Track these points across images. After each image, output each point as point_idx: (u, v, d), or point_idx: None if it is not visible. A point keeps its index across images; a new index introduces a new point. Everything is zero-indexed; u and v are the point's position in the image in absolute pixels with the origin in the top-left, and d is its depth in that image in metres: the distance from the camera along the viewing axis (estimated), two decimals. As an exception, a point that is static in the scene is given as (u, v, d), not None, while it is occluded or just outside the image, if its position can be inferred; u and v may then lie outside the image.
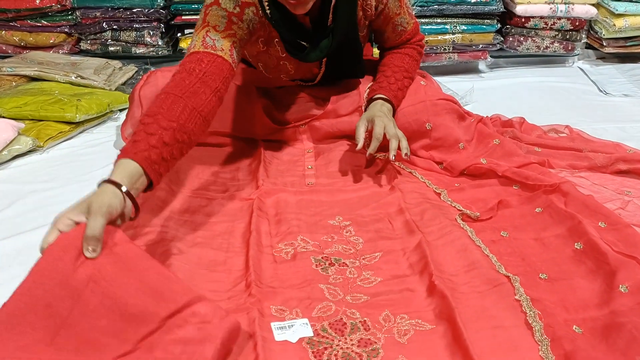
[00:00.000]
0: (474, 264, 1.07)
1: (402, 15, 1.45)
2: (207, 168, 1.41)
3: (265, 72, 1.51)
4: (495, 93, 2.02)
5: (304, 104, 1.57)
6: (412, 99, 1.46)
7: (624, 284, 0.95)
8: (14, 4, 2.07)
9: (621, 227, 1.09)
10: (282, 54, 1.40)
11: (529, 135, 1.55)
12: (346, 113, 1.52)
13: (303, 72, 1.50)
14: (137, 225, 1.14)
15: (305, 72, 1.51)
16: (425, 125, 1.44)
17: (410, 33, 1.49)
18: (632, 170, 1.37)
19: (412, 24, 1.49)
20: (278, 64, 1.46)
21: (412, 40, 1.50)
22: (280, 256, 1.11)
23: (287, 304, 0.98)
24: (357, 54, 1.49)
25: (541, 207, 1.21)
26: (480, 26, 2.12)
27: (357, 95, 1.51)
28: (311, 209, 1.27)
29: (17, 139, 1.51)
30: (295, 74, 1.50)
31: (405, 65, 1.47)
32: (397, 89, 1.43)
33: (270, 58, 1.43)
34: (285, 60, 1.43)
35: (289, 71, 1.48)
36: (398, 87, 1.44)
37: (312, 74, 1.52)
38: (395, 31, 1.47)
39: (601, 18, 2.18)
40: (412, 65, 1.49)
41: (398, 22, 1.46)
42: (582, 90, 2.02)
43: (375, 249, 1.14)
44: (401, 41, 1.50)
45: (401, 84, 1.45)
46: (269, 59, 1.44)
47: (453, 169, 1.41)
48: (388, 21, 1.45)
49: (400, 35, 1.48)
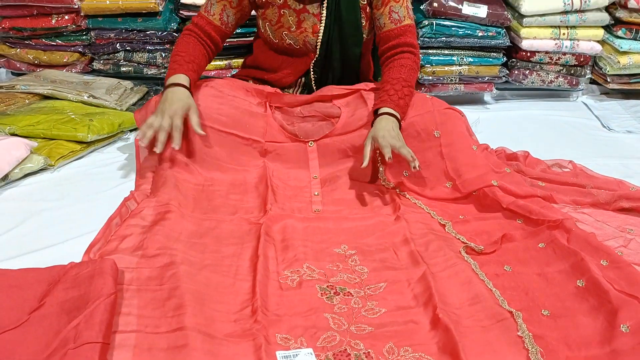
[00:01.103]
0: (477, 297, 1.08)
1: (402, 5, 1.52)
2: (216, 190, 1.43)
3: (271, 36, 1.61)
4: (500, 124, 2.04)
5: (315, 122, 1.60)
6: (419, 109, 1.49)
7: (625, 323, 0.96)
8: (30, 23, 2.12)
9: (623, 266, 1.11)
10: (280, 1, 1.56)
11: (534, 169, 1.57)
12: (356, 128, 1.54)
13: (304, 29, 1.57)
14: (147, 247, 1.16)
15: (307, 30, 1.57)
16: (433, 133, 1.46)
17: (406, 28, 1.53)
18: (634, 208, 1.39)
19: (408, 21, 1.54)
20: (280, 18, 1.57)
21: (407, 42, 1.53)
22: (286, 283, 1.13)
23: (292, 333, 0.99)
24: (357, 25, 1.57)
25: (544, 243, 1.22)
26: (487, 59, 2.16)
27: (366, 110, 1.54)
28: (317, 236, 1.29)
29: (30, 158, 1.53)
30: (296, 31, 1.57)
31: (402, 75, 1.50)
32: (398, 98, 1.46)
33: (273, 9, 1.57)
34: (284, 8, 1.56)
35: (291, 27, 1.56)
36: (399, 96, 1.47)
37: (313, 32, 1.57)
38: (392, 18, 1.52)
39: (606, 55, 2.22)
40: (409, 74, 1.52)
41: (395, 10, 1.52)
42: (585, 125, 2.05)
43: (380, 279, 1.15)
44: (396, 34, 1.53)
45: (401, 92, 1.48)
46: (272, 13, 1.58)
47: (464, 188, 1.41)
48: (386, 2, 1.52)
49: (396, 24, 1.52)
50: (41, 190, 1.49)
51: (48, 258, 1.19)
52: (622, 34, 2.16)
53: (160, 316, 0.99)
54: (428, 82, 2.15)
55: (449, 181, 1.44)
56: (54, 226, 1.34)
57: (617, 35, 2.18)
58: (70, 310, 0.96)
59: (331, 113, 1.59)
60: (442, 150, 1.46)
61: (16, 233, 1.31)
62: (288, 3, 1.56)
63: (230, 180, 1.49)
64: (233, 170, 1.51)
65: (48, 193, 1.48)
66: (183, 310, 0.99)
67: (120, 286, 1.04)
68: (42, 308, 0.97)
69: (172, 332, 0.95)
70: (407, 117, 1.49)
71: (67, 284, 1.02)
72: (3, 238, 1.29)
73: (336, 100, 1.61)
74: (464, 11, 2.07)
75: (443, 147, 1.46)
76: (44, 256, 1.21)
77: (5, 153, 1.48)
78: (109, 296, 0.96)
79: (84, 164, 1.64)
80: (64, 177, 1.56)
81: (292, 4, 1.56)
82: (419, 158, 1.41)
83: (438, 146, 1.46)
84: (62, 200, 1.45)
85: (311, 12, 1.56)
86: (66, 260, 1.11)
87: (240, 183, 1.48)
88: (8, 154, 1.48)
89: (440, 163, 1.46)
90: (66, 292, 1.00)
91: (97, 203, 1.43)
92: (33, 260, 1.19)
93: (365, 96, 1.57)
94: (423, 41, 2.10)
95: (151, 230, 1.21)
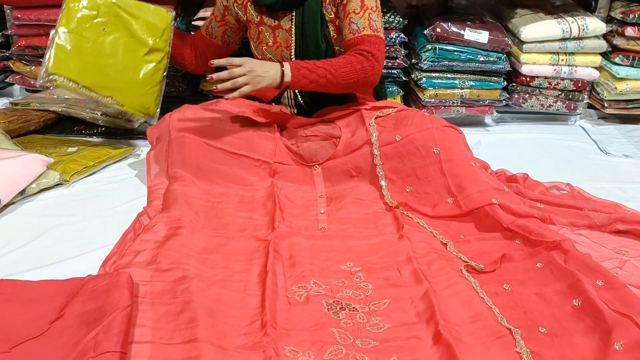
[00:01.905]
0: (478, 315, 1.12)
1: (361, 17, 1.56)
2: (225, 207, 1.48)
3: (255, 52, 1.74)
4: (500, 147, 2.09)
5: (318, 142, 1.65)
6: (418, 127, 1.55)
7: (619, 341, 1.00)
8: (45, 42, 2.17)
9: (618, 287, 1.14)
10: (257, 19, 1.68)
11: (532, 192, 1.61)
12: (357, 148, 1.60)
13: (280, 44, 1.67)
14: (160, 262, 1.20)
15: (282, 45, 1.67)
16: (432, 150, 1.51)
17: (364, 37, 1.55)
18: (630, 231, 1.43)
19: (368, 31, 1.55)
20: (259, 34, 1.69)
21: (362, 48, 1.55)
22: (293, 298, 1.17)
23: (300, 346, 1.04)
24: (317, 39, 1.62)
25: (542, 263, 1.26)
26: (488, 83, 2.22)
27: (364, 130, 1.60)
28: (324, 253, 1.33)
29: (46, 173, 1.59)
30: (273, 46, 1.68)
31: (333, 61, 1.55)
32: (304, 66, 1.53)
33: (253, 28, 1.70)
34: (262, 25, 1.68)
35: (268, 42, 1.68)
36: (307, 67, 1.53)
37: (287, 47, 1.66)
38: (350, 29, 1.57)
39: (603, 80, 2.27)
40: (341, 64, 1.54)
41: (355, 21, 1.56)
42: (583, 149, 2.09)
43: (384, 295, 1.19)
44: (354, 42, 1.56)
45: (312, 65, 1.53)
46: (253, 31, 1.71)
47: (465, 205, 1.44)
48: (346, 14, 1.58)
49: (354, 34, 1.56)
50: (57, 205, 1.54)
51: (64, 271, 1.23)
52: (619, 61, 2.22)
53: (174, 328, 1.03)
54: (430, 105, 2.21)
55: (450, 197, 1.48)
56: (69, 241, 1.38)
57: (615, 62, 2.24)
58: (88, 321, 1.00)
59: (333, 134, 1.65)
60: (442, 167, 1.50)
61: (33, 247, 1.35)
62: (264, 20, 1.67)
63: (239, 198, 1.53)
64: (241, 188, 1.56)
65: (63, 208, 1.53)
66: (196, 323, 1.03)
67: (135, 299, 1.09)
68: (61, 319, 1.02)
69: (185, 344, 0.99)
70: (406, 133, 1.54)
71: (85, 297, 1.06)
72: (21, 251, 1.33)
73: (338, 121, 1.67)
74: (466, 37, 2.13)
75: (443, 163, 1.50)
76: (60, 269, 1.25)
77: (22, 169, 1.53)
78: (126, 308, 1.00)
79: (98, 180, 1.69)
80: (78, 192, 1.61)
81: (267, 21, 1.67)
82: (421, 174, 1.47)
83: (438, 162, 1.51)
84: (77, 216, 1.50)
85: (284, 27, 1.66)
86: (81, 274, 1.16)
87: (249, 201, 1.53)
88: (26, 170, 1.53)
89: (441, 179, 1.50)
90: (84, 304, 1.04)
91: (111, 218, 1.48)
92: (50, 273, 1.23)
93: (365, 115, 1.63)
94: (427, 65, 2.16)
95: (164, 246, 1.25)
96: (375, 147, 1.57)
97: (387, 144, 1.56)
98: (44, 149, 1.75)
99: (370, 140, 1.58)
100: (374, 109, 1.66)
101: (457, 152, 1.52)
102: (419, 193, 1.50)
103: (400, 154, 1.54)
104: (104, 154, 1.76)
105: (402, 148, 1.53)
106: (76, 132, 1.99)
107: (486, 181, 1.51)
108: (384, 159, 1.56)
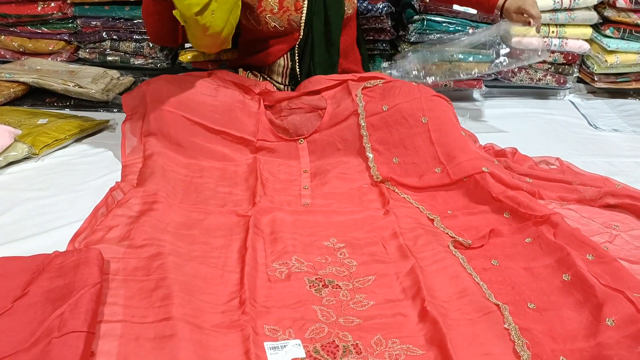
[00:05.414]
0: (465, 291, 1.08)
1: None
2: (205, 182, 1.42)
3: (254, 22, 1.61)
4: (489, 121, 2.06)
5: (302, 114, 1.60)
6: (405, 96, 1.51)
7: (610, 317, 0.97)
8: (15, 10, 2.08)
9: (608, 261, 1.12)
10: None
11: (521, 166, 1.58)
12: (342, 119, 1.55)
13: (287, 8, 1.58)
14: (133, 237, 1.14)
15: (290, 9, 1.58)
16: (421, 119, 1.47)
17: None
18: (620, 205, 1.40)
19: None
20: (260, 2, 1.57)
21: None
22: (274, 275, 1.12)
23: (280, 324, 0.99)
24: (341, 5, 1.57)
25: (531, 238, 1.23)
26: (477, 55, 2.16)
27: (350, 100, 1.55)
28: (306, 229, 1.28)
29: (14, 146, 1.51)
30: (279, 12, 1.58)
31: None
32: None
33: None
34: None
35: (273, 8, 1.57)
36: None
37: (296, 9, 1.58)
38: None
39: (593, 54, 2.23)
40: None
41: None
42: (572, 124, 2.06)
43: (369, 272, 1.15)
44: None
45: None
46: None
47: (455, 174, 1.40)
48: None
49: None
50: (25, 179, 1.47)
51: (32, 247, 1.17)
52: (610, 33, 2.18)
53: (147, 306, 0.98)
54: (418, 78, 2.15)
55: (438, 166, 1.44)
56: (38, 216, 1.31)
57: (605, 34, 2.19)
58: (55, 299, 0.94)
59: (318, 105, 1.60)
60: (430, 136, 1.46)
61: (0, 222, 1.28)
62: None
63: (220, 172, 1.48)
64: (223, 163, 1.50)
65: (32, 182, 1.45)
66: (170, 300, 0.98)
67: (106, 276, 1.03)
68: (26, 297, 0.96)
69: (159, 322, 0.94)
70: (393, 103, 1.50)
71: (51, 273, 1.00)
72: (-14, 227, 1.26)
73: (324, 93, 1.61)
74: (455, 7, 2.07)
75: (432, 132, 1.46)
76: (27, 245, 1.19)
77: (-12, 141, 1.45)
78: (95, 285, 0.95)
79: (69, 154, 1.61)
80: (48, 166, 1.54)
81: None
82: (408, 144, 1.42)
83: (427, 132, 1.47)
84: (46, 190, 1.42)
85: None
86: (50, 250, 1.10)
87: (231, 176, 1.47)
88: (-9, 142, 1.45)
89: (430, 148, 1.46)
90: (51, 281, 0.98)
91: (82, 193, 1.41)
92: (16, 250, 1.17)
93: (351, 86, 1.58)
94: (414, 37, 2.10)
95: (138, 221, 1.20)
96: (361, 118, 1.51)
97: (374, 115, 1.51)
98: (12, 120, 1.67)
99: (356, 111, 1.53)
100: (361, 79, 1.61)
101: (446, 122, 1.48)
102: (406, 164, 1.46)
103: (387, 125, 1.49)
104: (76, 126, 1.68)
105: (389, 118, 1.48)
106: (48, 104, 1.91)
107: (476, 150, 1.47)
108: (371, 129, 1.51)
